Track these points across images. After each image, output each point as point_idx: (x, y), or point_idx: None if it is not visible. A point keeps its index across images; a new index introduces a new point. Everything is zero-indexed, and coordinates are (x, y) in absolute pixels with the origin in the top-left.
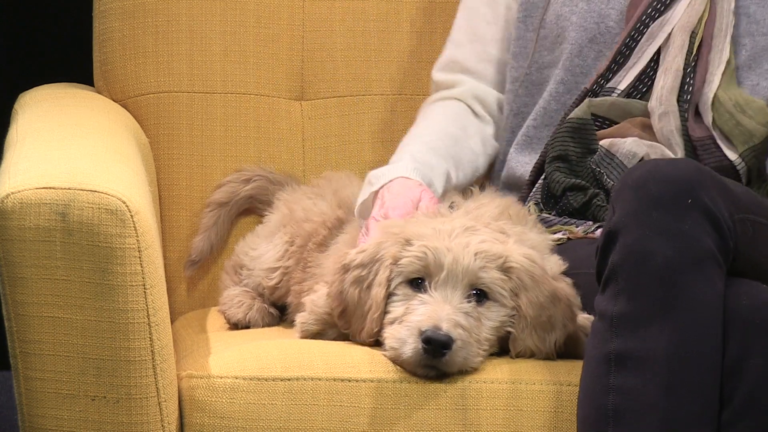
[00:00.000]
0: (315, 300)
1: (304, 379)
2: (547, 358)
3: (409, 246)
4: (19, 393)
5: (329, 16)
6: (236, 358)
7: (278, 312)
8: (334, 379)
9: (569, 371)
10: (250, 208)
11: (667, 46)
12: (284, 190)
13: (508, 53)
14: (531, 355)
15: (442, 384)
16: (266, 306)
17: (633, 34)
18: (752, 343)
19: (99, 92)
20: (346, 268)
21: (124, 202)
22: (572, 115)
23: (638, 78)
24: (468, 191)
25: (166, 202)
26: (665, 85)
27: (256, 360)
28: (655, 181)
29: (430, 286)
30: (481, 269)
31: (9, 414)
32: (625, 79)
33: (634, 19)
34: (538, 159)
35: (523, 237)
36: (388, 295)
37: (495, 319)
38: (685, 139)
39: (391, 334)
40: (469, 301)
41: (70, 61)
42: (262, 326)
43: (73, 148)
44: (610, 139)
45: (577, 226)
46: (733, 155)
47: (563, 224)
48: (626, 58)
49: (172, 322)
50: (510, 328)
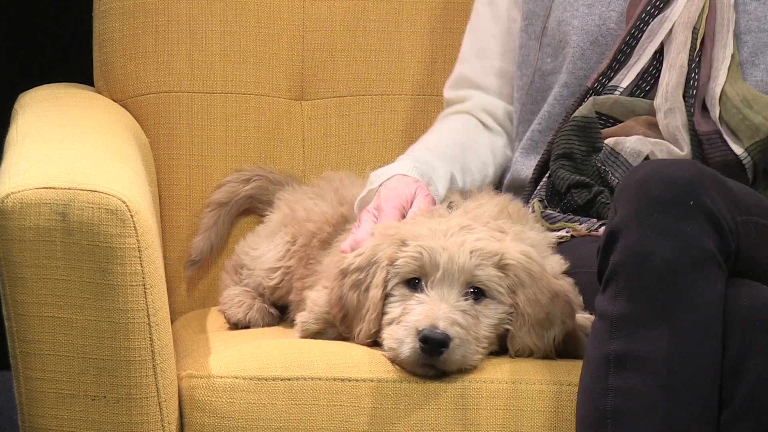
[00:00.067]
0: (315, 299)
1: (304, 379)
2: (546, 356)
3: (405, 246)
4: (19, 393)
5: (329, 16)
6: (236, 358)
7: (278, 312)
8: (334, 379)
9: (569, 371)
10: (250, 208)
11: (669, 43)
12: (284, 190)
13: (514, 64)
14: (530, 353)
15: (442, 384)
16: (266, 306)
17: (633, 32)
18: (752, 344)
19: (99, 92)
20: (344, 273)
21: (124, 202)
22: (576, 114)
23: (641, 76)
24: (467, 191)
25: (166, 202)
26: (670, 82)
27: (256, 360)
28: (657, 181)
29: (427, 286)
30: (477, 267)
31: (9, 414)
32: (627, 78)
33: (634, 18)
34: (542, 157)
35: (522, 236)
36: (386, 296)
37: (493, 317)
38: (692, 134)
39: (389, 335)
40: (467, 299)
41: (70, 61)
42: (262, 326)
43: (73, 148)
44: (615, 137)
45: (580, 224)
46: (739, 149)
47: (567, 221)
48: (627, 57)
49: (172, 322)
50: (508, 326)
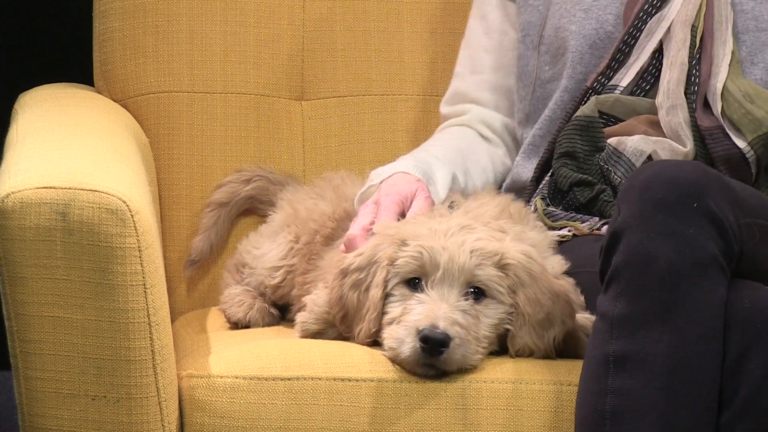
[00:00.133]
0: (315, 299)
1: (304, 379)
2: (547, 355)
3: (405, 246)
4: (19, 393)
5: (329, 16)
6: (236, 357)
7: (279, 312)
8: (334, 379)
9: (570, 371)
10: (251, 209)
11: (668, 42)
12: (285, 190)
13: (510, 77)
14: (530, 353)
15: (442, 383)
16: (267, 306)
17: (632, 31)
18: (753, 345)
19: (99, 92)
20: (344, 273)
21: (125, 202)
22: (579, 113)
23: (641, 75)
24: (469, 192)
25: (166, 202)
26: (671, 79)
27: (256, 359)
28: (661, 183)
29: (427, 286)
30: (478, 267)
31: (9, 414)
32: (626, 77)
33: (632, 17)
34: (543, 156)
35: (522, 236)
36: (386, 296)
37: (493, 317)
38: (694, 130)
39: (390, 334)
40: (467, 299)
41: (70, 61)
42: (263, 326)
43: (73, 148)
44: (617, 137)
45: (582, 222)
46: (743, 143)
47: (569, 219)
48: (626, 56)
49: (172, 322)
50: (509, 326)
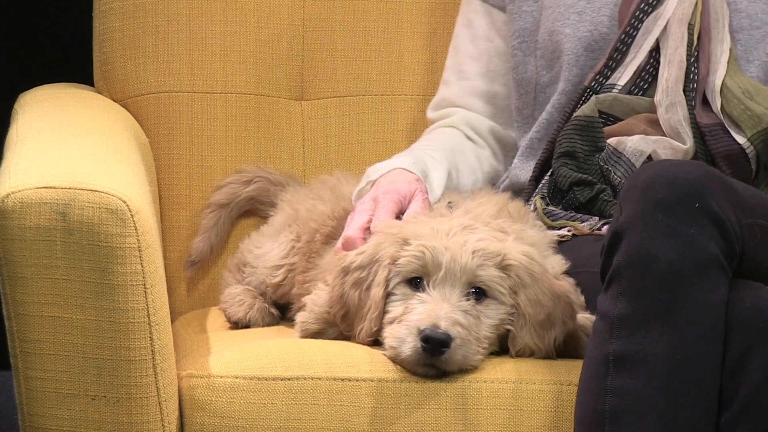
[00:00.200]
0: (315, 299)
1: (304, 379)
2: (547, 356)
3: (407, 245)
4: (19, 392)
5: (329, 16)
6: (236, 357)
7: (279, 312)
8: (334, 379)
9: (570, 371)
10: (251, 210)
11: (665, 40)
12: (286, 191)
13: (496, 84)
14: (531, 354)
15: (443, 383)
16: (267, 305)
17: (628, 29)
18: (754, 345)
19: (99, 92)
20: (345, 271)
21: (125, 202)
22: (579, 113)
23: (638, 74)
24: (465, 191)
25: (166, 202)
26: (670, 77)
27: (256, 359)
28: (663, 183)
29: (429, 285)
30: (479, 267)
31: (9, 414)
32: (624, 75)
33: (628, 16)
34: (542, 155)
35: (522, 235)
36: (387, 295)
37: (494, 317)
38: (694, 127)
39: (391, 334)
40: (468, 300)
41: (70, 61)
42: (263, 326)
43: (73, 148)
44: (617, 137)
45: (582, 222)
46: (742, 139)
47: (568, 219)
48: (623, 55)
49: (172, 322)
50: (509, 326)
